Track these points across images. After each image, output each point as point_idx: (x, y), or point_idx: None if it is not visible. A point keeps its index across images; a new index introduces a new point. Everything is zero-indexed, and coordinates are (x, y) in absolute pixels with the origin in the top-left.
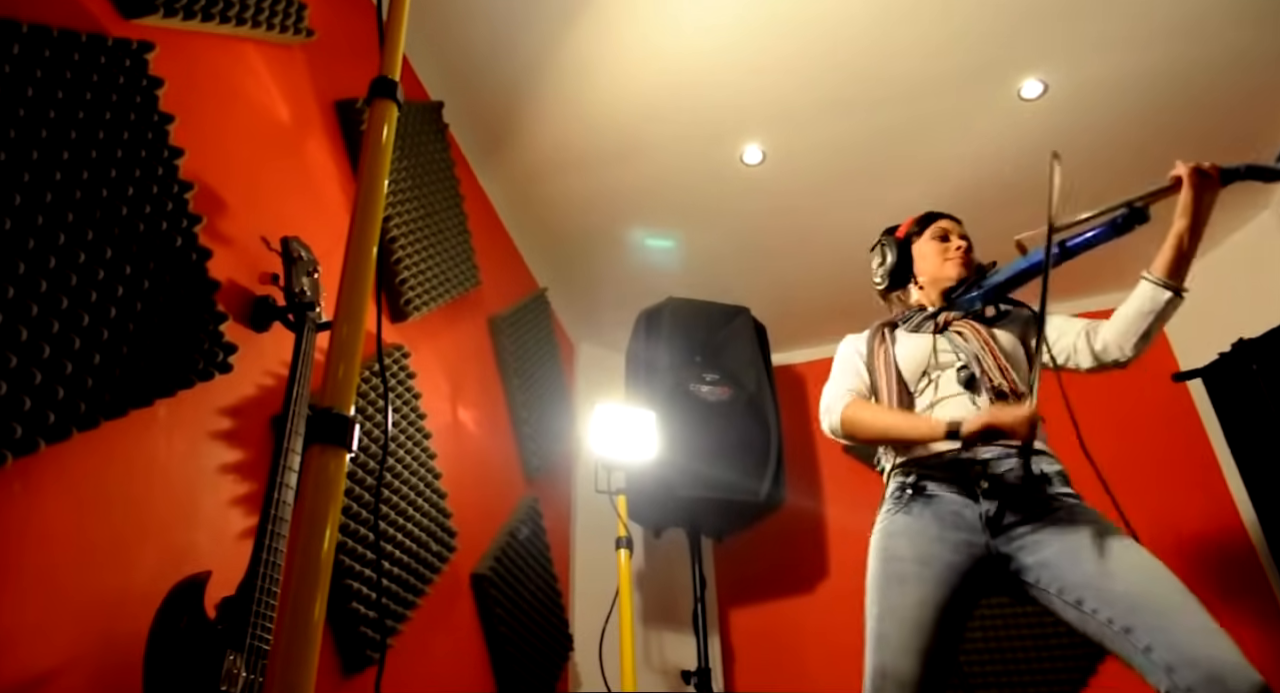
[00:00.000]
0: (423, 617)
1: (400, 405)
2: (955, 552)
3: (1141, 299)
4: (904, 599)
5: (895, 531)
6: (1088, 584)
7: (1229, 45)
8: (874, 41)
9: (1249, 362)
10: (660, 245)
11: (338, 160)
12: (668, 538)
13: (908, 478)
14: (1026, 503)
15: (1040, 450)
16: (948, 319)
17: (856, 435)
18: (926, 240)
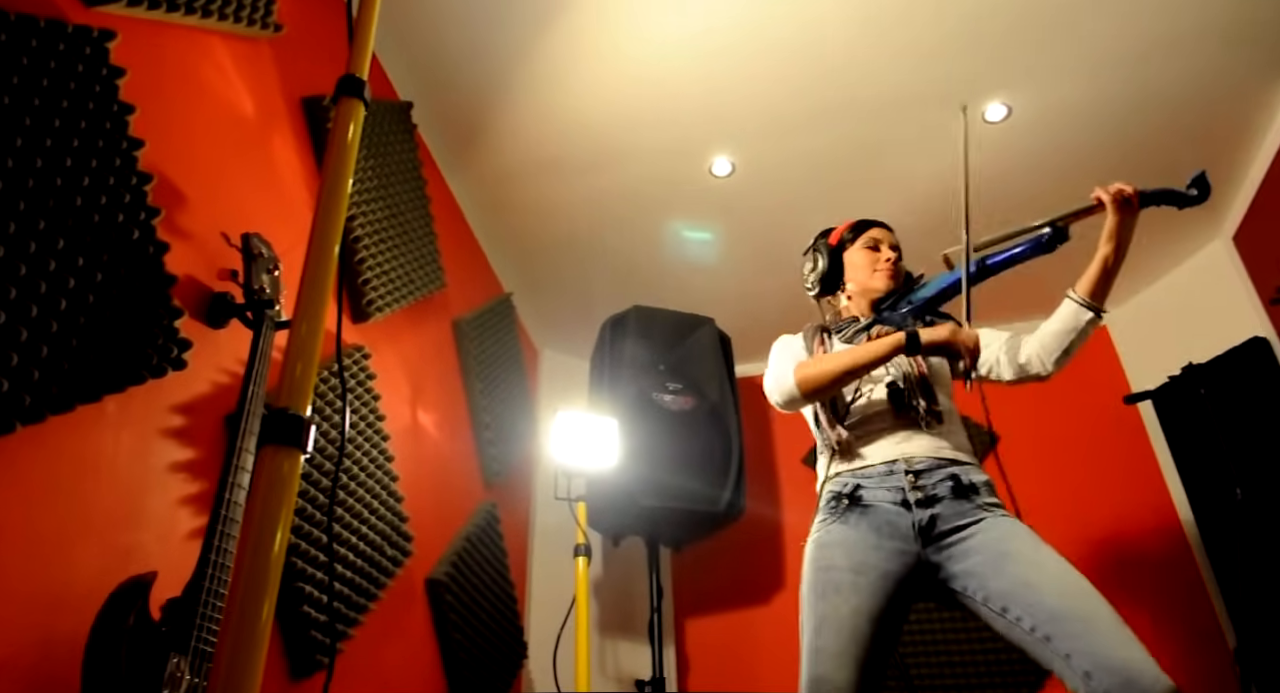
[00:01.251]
0: (375, 622)
1: (359, 407)
2: (889, 560)
3: (1064, 318)
4: (840, 609)
5: (831, 541)
6: (1011, 593)
7: (1189, 76)
8: (844, 60)
9: (1197, 386)
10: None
11: (303, 157)
12: (626, 546)
13: (843, 488)
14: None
15: (967, 461)
16: (879, 333)
17: (817, 386)
18: (858, 249)
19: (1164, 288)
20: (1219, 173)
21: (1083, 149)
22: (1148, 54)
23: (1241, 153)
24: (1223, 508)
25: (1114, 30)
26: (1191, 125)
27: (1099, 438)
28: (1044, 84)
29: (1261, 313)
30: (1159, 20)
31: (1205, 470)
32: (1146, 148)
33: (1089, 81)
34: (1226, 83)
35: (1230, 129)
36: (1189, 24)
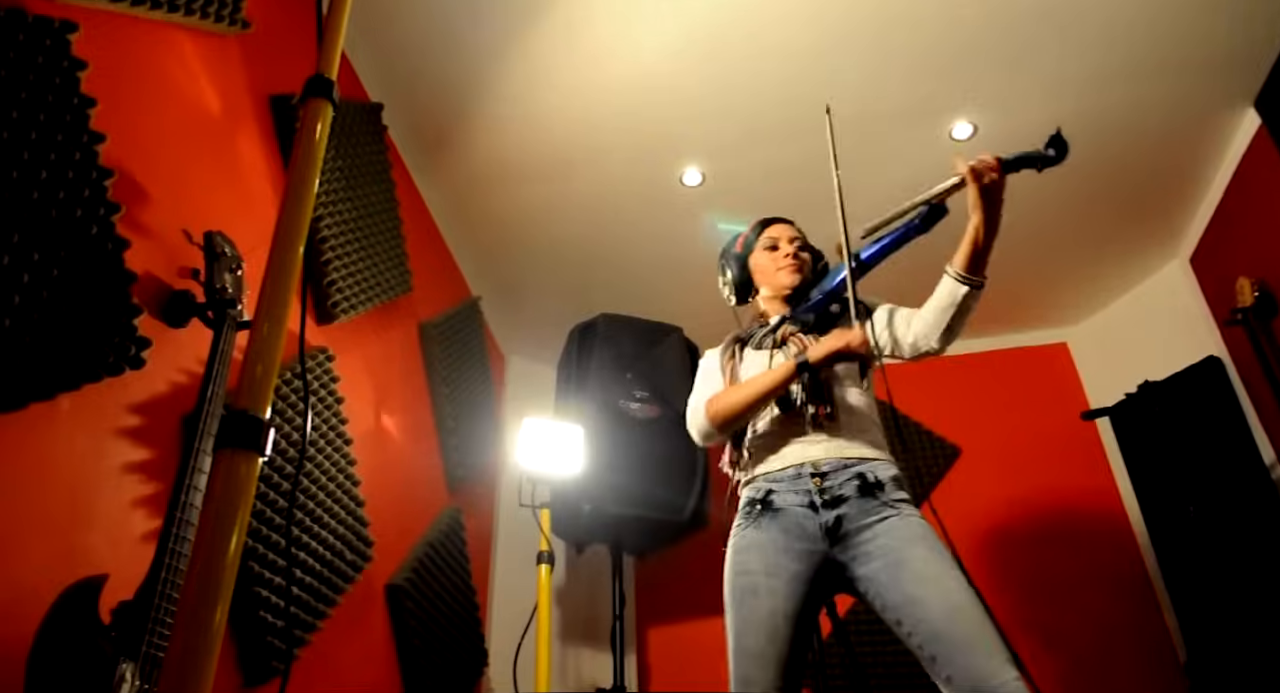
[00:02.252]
0: (333, 627)
1: (321, 409)
2: (799, 561)
3: (942, 294)
4: (757, 611)
5: (745, 545)
6: (903, 607)
7: (1148, 103)
8: (816, 75)
9: (1153, 403)
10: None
11: (269, 156)
12: (590, 554)
13: (756, 494)
14: (863, 511)
15: (874, 457)
16: (785, 334)
17: (727, 418)
18: (759, 252)
19: (1123, 307)
20: (1177, 196)
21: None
22: (1108, 81)
23: (1199, 178)
24: (1176, 524)
25: (1076, 57)
26: (1151, 151)
27: (1058, 452)
28: (1009, 106)
29: (1216, 333)
30: (1119, 50)
31: (1160, 486)
32: (1108, 171)
33: (1052, 105)
34: (1184, 111)
35: (1188, 155)
36: (1148, 54)
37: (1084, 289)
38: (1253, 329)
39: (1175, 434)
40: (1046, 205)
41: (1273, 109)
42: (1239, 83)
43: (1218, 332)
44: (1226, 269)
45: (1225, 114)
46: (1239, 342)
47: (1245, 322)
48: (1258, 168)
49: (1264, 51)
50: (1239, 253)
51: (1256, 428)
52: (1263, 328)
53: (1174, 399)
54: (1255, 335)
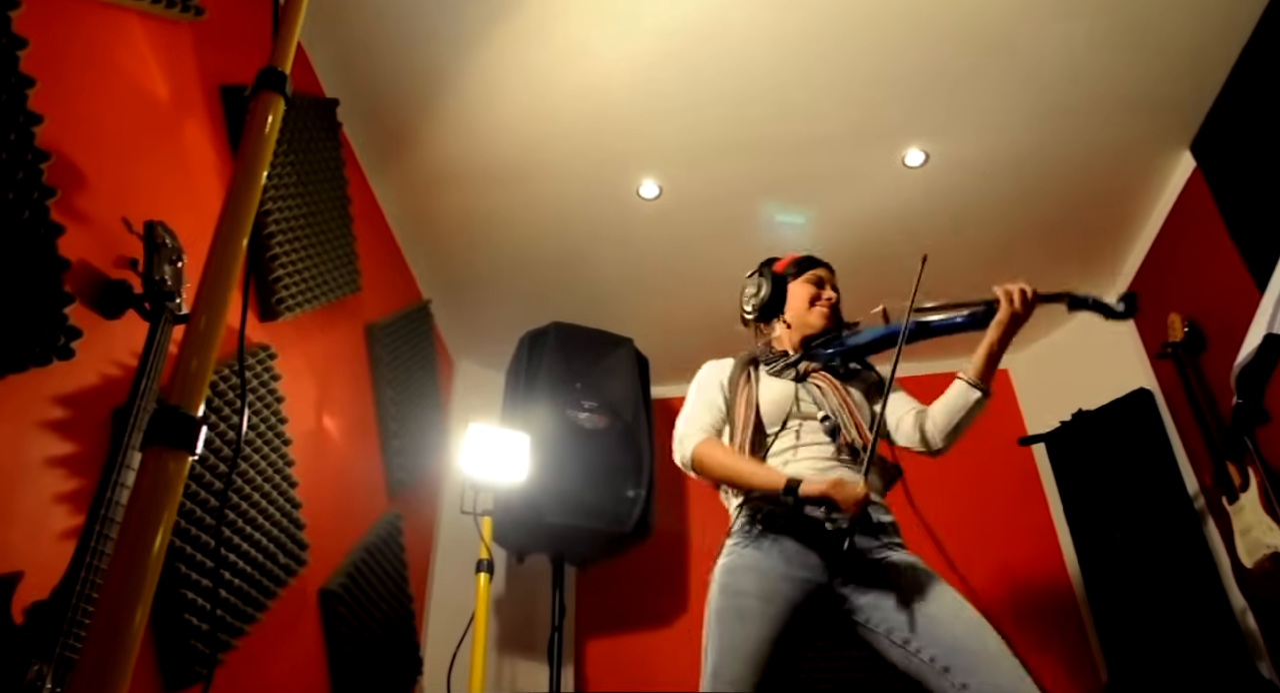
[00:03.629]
0: (262, 632)
1: (260, 408)
2: (797, 590)
3: (955, 396)
4: (747, 636)
5: (742, 565)
6: (914, 625)
7: (1088, 139)
8: (775, 96)
9: (1086, 431)
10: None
11: (217, 147)
12: (531, 564)
13: (758, 514)
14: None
15: (877, 501)
16: (808, 369)
17: (704, 473)
18: (802, 283)
19: (1061, 337)
20: (1116, 232)
21: (993, 199)
22: (1051, 116)
23: (1137, 216)
24: (1103, 549)
25: (1020, 92)
26: (1093, 187)
27: (995, 476)
28: (960, 136)
29: (1147, 366)
30: (1061, 87)
31: (1089, 512)
32: (1052, 204)
33: (1001, 137)
34: (1122, 148)
35: (1126, 191)
36: (1088, 92)
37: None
38: (1181, 363)
39: (1105, 462)
40: (993, 234)
41: (1207, 153)
42: (1177, 126)
43: (1149, 364)
44: (1159, 304)
45: (1163, 155)
46: (1168, 375)
47: (1175, 356)
48: (1192, 209)
49: (1200, 97)
50: (1171, 289)
51: (1182, 458)
52: (1191, 362)
53: (1105, 428)
54: (1183, 369)
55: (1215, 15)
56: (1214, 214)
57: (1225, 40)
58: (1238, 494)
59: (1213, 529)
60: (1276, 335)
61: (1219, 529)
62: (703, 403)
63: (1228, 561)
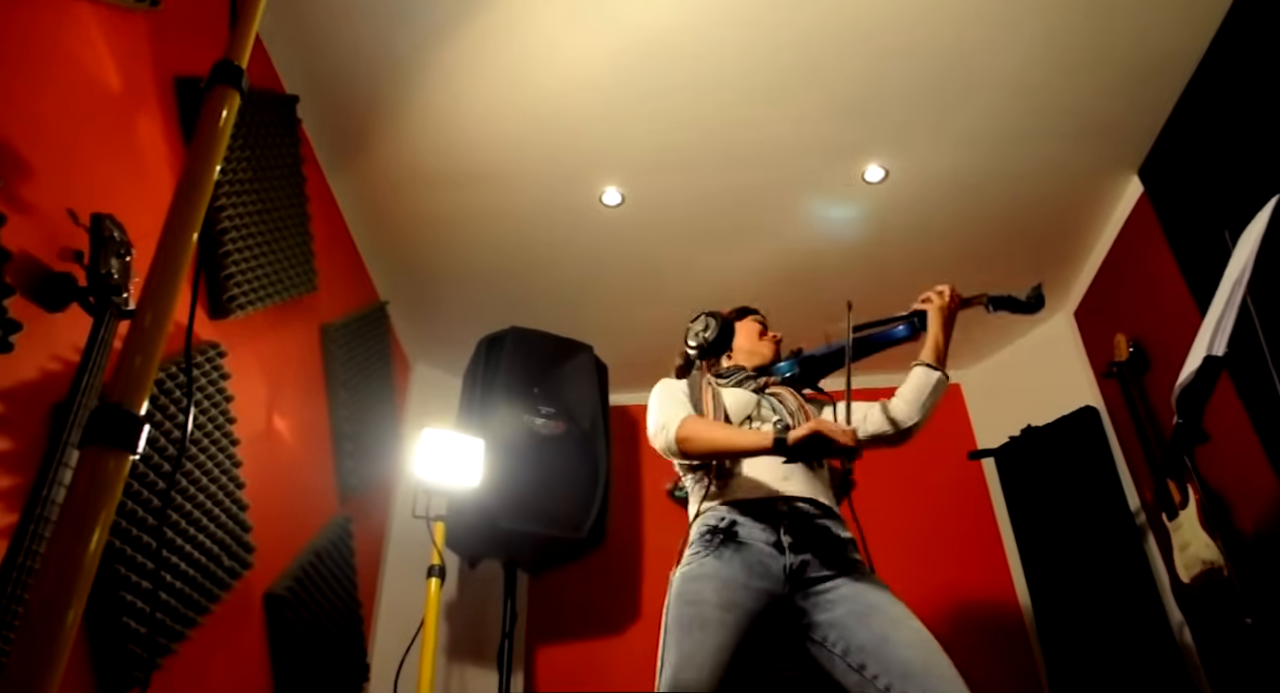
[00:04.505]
0: (204, 636)
1: (208, 407)
2: (756, 600)
3: (916, 378)
4: (704, 645)
5: (702, 574)
6: (870, 649)
7: (1043, 161)
8: (739, 110)
9: (1033, 447)
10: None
11: (170, 141)
12: (483, 569)
13: (719, 522)
14: (827, 561)
15: (836, 515)
16: (767, 383)
17: (691, 448)
18: (749, 323)
19: (1011, 354)
20: (1068, 250)
21: (950, 216)
22: (1007, 138)
23: (1086, 237)
24: (1048, 562)
25: (978, 114)
26: (1044, 205)
27: (945, 489)
28: (920, 154)
29: (1094, 384)
30: (1017, 110)
31: (1035, 526)
32: (1006, 223)
33: (959, 157)
34: (1076, 171)
35: (1079, 212)
36: (1043, 116)
37: (979, 334)
38: (1126, 382)
39: (1052, 477)
40: (950, 251)
41: (1154, 178)
42: (1126, 151)
43: (1095, 382)
44: (1106, 324)
45: (1112, 179)
46: (1113, 393)
47: (1120, 375)
48: (1139, 232)
49: (1149, 123)
50: (1118, 310)
51: (1125, 475)
52: (1135, 382)
53: (1052, 444)
54: (1128, 388)
55: (1164, 44)
56: (1160, 238)
57: (1173, 69)
58: (1177, 511)
59: (1153, 545)
60: (1215, 357)
61: (1159, 545)
62: (670, 401)
63: (1167, 576)
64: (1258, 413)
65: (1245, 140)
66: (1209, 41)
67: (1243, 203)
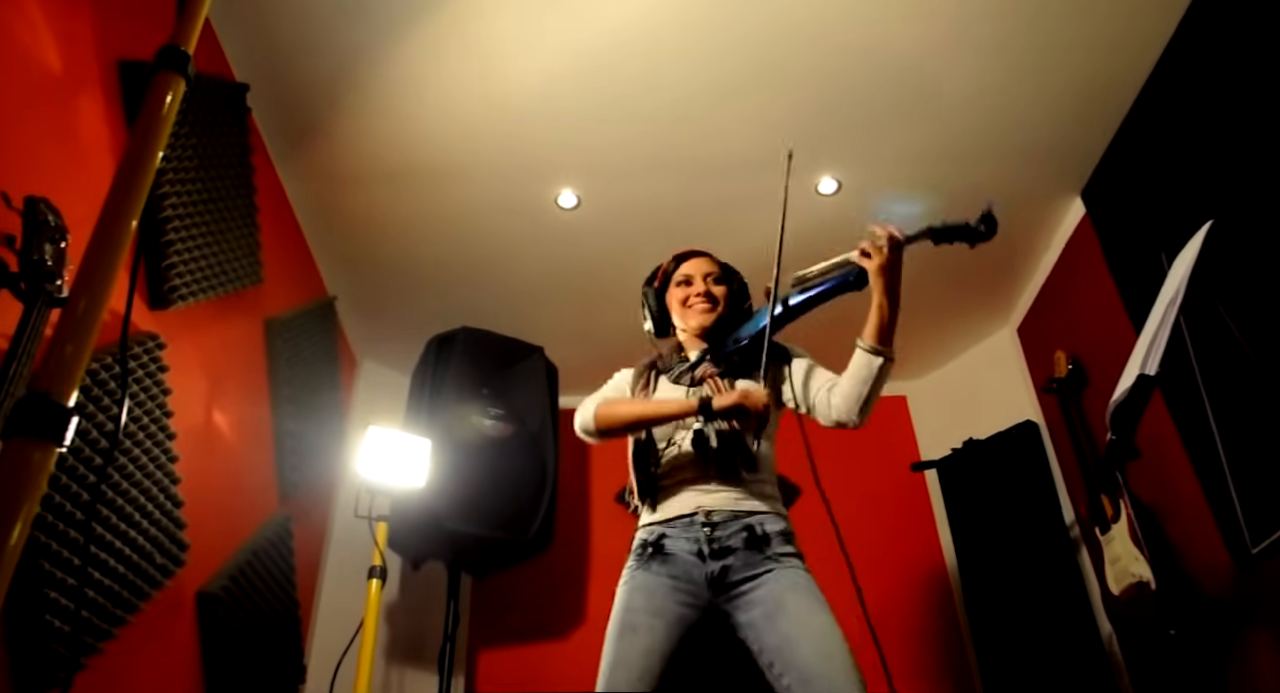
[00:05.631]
0: (132, 636)
1: (144, 400)
2: (684, 606)
3: (858, 366)
4: (634, 649)
5: (636, 585)
6: (778, 649)
7: (990, 179)
8: (695, 119)
9: (974, 459)
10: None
11: (113, 125)
12: (426, 571)
13: (650, 536)
14: (748, 564)
15: (765, 511)
16: (703, 374)
17: (611, 424)
18: (673, 288)
19: (956, 368)
20: (1012, 268)
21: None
22: (958, 156)
23: (1031, 255)
24: (986, 571)
25: (932, 131)
26: None
27: (889, 499)
28: (872, 168)
29: (1034, 399)
30: (969, 128)
31: (975, 536)
32: None
33: (910, 172)
34: (1022, 190)
35: (1024, 231)
36: (993, 135)
37: (925, 348)
38: (1064, 398)
39: (991, 489)
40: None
41: (1096, 200)
42: (1070, 173)
43: (1035, 398)
44: (1047, 341)
45: (1057, 200)
46: (1052, 409)
47: (1059, 391)
48: (1080, 253)
49: (1092, 148)
50: (1059, 328)
51: (1061, 489)
52: (1073, 398)
53: (993, 457)
54: (1066, 404)
55: (1108, 73)
56: (1100, 258)
57: (1116, 97)
58: (1110, 525)
59: (1086, 558)
60: (1147, 376)
61: (1092, 558)
62: (603, 390)
63: (1098, 588)
64: (1187, 431)
65: (1182, 168)
66: (1149, 71)
67: (1179, 227)
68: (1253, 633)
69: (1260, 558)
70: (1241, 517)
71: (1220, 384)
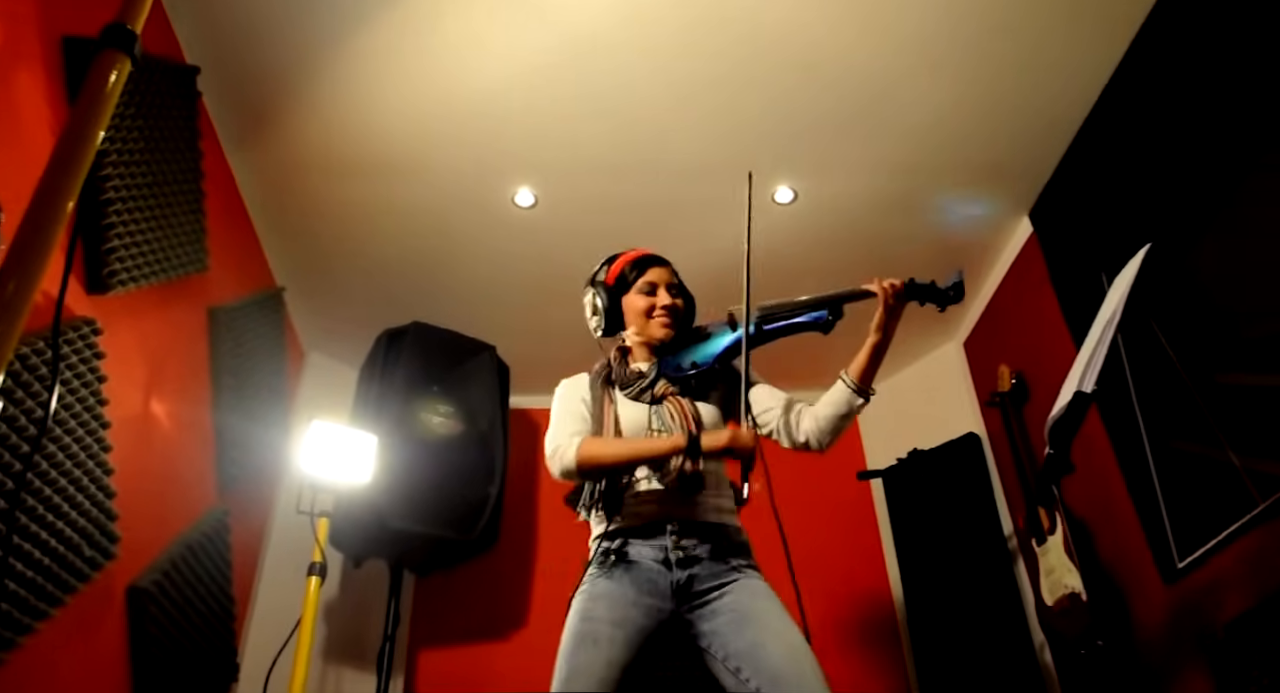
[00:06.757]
0: (55, 630)
1: (78, 387)
2: (646, 616)
3: (838, 402)
4: (594, 659)
5: (597, 594)
6: (746, 654)
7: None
8: (654, 122)
9: (918, 470)
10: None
11: (54, 104)
12: (368, 569)
13: (613, 544)
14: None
15: (728, 524)
16: (663, 392)
17: (597, 467)
18: (634, 294)
19: (904, 378)
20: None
21: (855, 239)
22: (913, 171)
23: (979, 270)
24: (926, 579)
25: (889, 145)
26: (942, 240)
27: (834, 506)
28: (829, 178)
29: (977, 412)
30: (924, 146)
31: (916, 546)
32: (906, 252)
33: (867, 184)
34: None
35: (973, 247)
36: (946, 155)
37: None
38: (1007, 412)
39: (934, 499)
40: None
41: (1043, 221)
42: (1019, 193)
43: (979, 411)
44: (992, 355)
45: (1006, 218)
46: (995, 422)
47: (1002, 404)
48: (1026, 270)
49: (1041, 170)
50: (1003, 342)
51: (1001, 501)
52: (1015, 412)
53: (936, 468)
54: (1008, 418)
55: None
56: (1045, 277)
57: (1064, 121)
58: (1046, 538)
59: (1022, 569)
60: (1084, 393)
61: (1028, 569)
62: (568, 414)
63: (1033, 597)
64: (1121, 447)
65: (1125, 191)
66: (1095, 100)
67: (1119, 248)
68: (1177, 645)
69: (1186, 572)
70: (1170, 532)
71: (1153, 402)
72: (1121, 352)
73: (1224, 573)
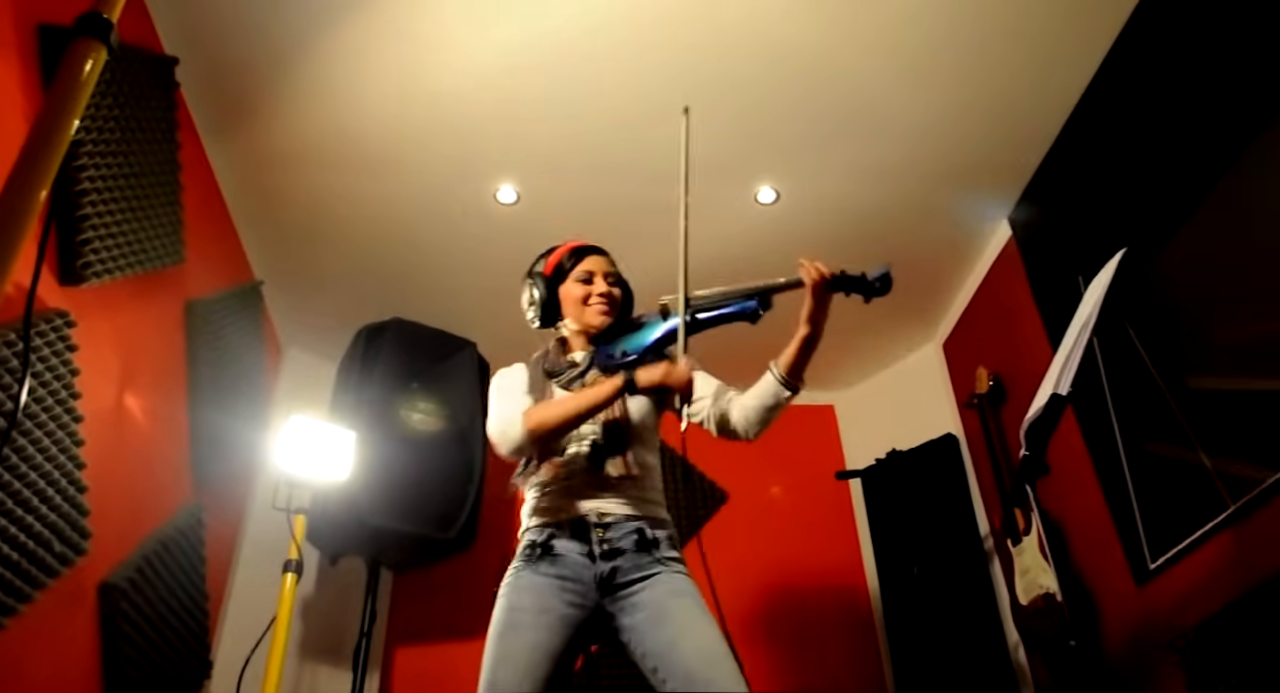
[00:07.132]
0: (24, 627)
1: (50, 380)
2: (570, 606)
3: (765, 394)
4: (519, 645)
5: (521, 585)
6: (660, 653)
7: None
8: (633, 122)
9: (897, 470)
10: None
11: (29, 92)
12: (344, 566)
13: (539, 537)
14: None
15: (654, 516)
16: (594, 381)
17: (547, 430)
18: (571, 283)
19: (883, 380)
20: (940, 285)
21: (837, 240)
22: (895, 175)
23: (958, 273)
24: (903, 578)
25: (872, 148)
26: (925, 241)
27: (813, 506)
28: (812, 180)
29: (956, 413)
30: (904, 150)
31: (894, 546)
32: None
33: (849, 186)
34: (950, 209)
35: (953, 248)
36: (927, 158)
37: (854, 359)
38: (984, 413)
39: (912, 499)
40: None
41: (1021, 224)
42: (998, 198)
43: (957, 412)
44: (970, 357)
45: (985, 223)
46: (973, 423)
47: (979, 406)
48: (1004, 274)
49: (1020, 174)
50: (982, 344)
51: (977, 502)
52: (993, 414)
53: (914, 468)
54: (985, 419)
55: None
56: (1023, 280)
57: (1042, 126)
58: (1021, 538)
59: (998, 568)
60: (1059, 395)
61: (1003, 569)
62: (507, 397)
63: (1008, 597)
64: (1096, 449)
65: (1102, 196)
66: (1073, 106)
67: (1096, 252)
68: (1149, 646)
69: (1158, 573)
70: (1143, 533)
71: (1127, 405)
72: (1097, 355)
73: (1195, 574)
